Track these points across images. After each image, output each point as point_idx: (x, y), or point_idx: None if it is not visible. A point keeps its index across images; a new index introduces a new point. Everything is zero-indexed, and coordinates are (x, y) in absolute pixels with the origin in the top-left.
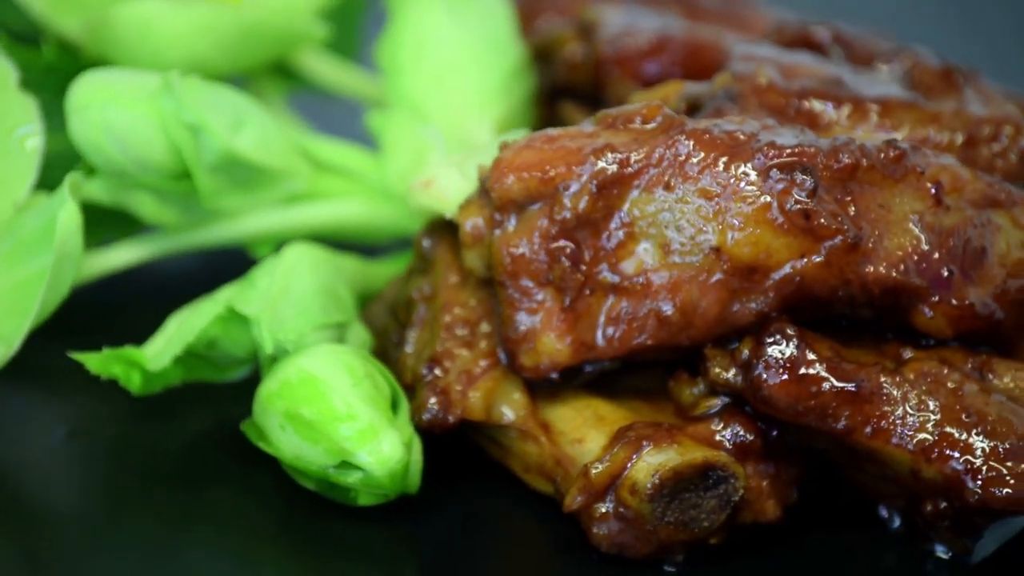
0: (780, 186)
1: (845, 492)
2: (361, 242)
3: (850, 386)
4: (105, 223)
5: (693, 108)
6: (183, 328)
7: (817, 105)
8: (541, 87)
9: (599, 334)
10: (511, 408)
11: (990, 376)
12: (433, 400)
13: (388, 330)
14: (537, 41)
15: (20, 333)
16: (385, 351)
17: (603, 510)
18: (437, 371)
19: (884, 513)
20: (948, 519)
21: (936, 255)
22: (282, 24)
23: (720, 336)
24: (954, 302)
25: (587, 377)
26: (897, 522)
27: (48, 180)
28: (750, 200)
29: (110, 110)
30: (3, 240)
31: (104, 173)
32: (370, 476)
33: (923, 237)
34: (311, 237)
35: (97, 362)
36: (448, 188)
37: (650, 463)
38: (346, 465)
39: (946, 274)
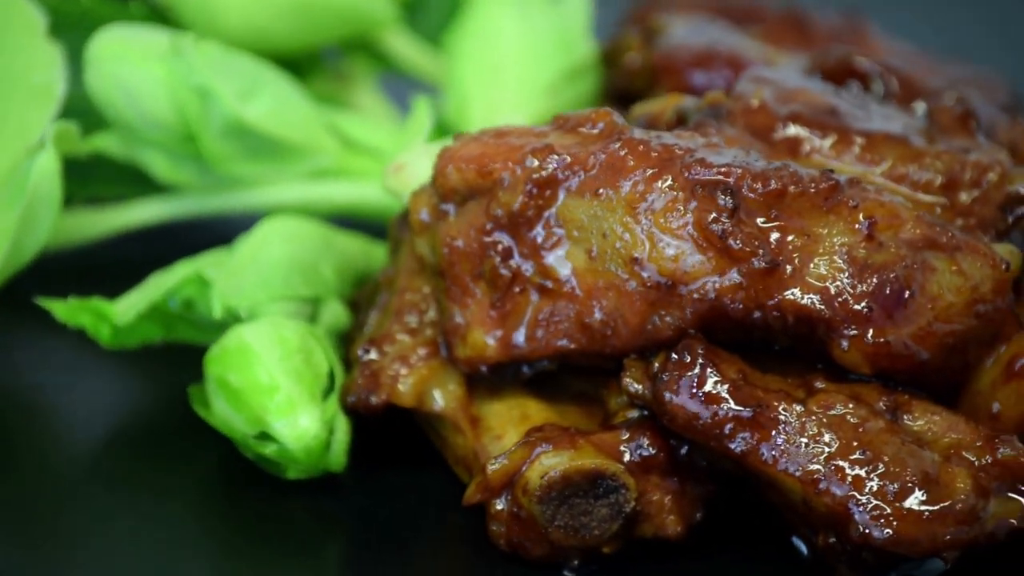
0: (702, 203)
1: (761, 518)
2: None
3: (747, 411)
4: (121, 178)
5: (681, 121)
6: (153, 286)
7: (802, 132)
8: (608, 91)
9: (525, 334)
10: (443, 398)
11: (905, 416)
12: (361, 381)
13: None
14: (606, 45)
15: None
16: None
17: (499, 507)
18: (373, 353)
19: (797, 542)
20: (842, 554)
21: (857, 289)
22: (349, 2)
23: (643, 348)
24: (869, 339)
25: (525, 376)
26: (807, 552)
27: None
28: (671, 214)
29: (122, 65)
30: (6, 183)
31: (117, 127)
32: (285, 449)
33: (846, 270)
34: (334, 215)
35: (64, 310)
36: (416, 174)
37: (544, 465)
38: (266, 436)
39: (865, 310)
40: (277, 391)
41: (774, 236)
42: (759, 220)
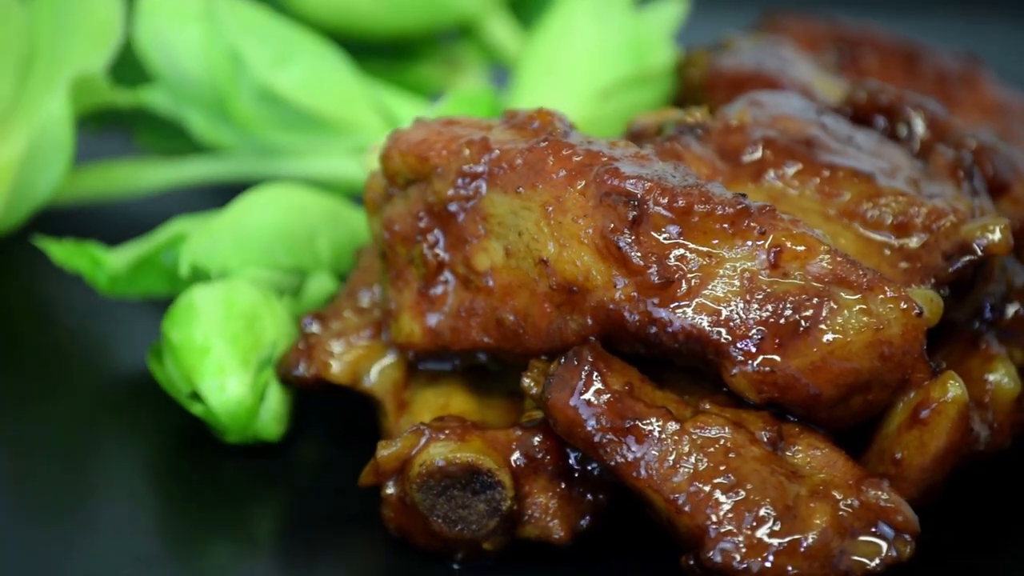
0: (607, 212)
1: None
2: None
3: (624, 423)
4: (170, 134)
5: (658, 133)
6: (148, 240)
7: (768, 156)
8: (673, 101)
9: (448, 324)
10: (376, 378)
11: (788, 448)
12: (294, 353)
13: None
14: (680, 57)
15: None
16: None
17: (389, 492)
18: (315, 327)
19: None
20: None
21: (750, 315)
22: None
23: (554, 350)
24: (755, 366)
25: (458, 367)
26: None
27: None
28: (579, 220)
29: (163, 21)
30: None
31: (162, 82)
32: (211, 411)
33: (743, 296)
34: None
35: (61, 252)
36: None
37: (429, 454)
38: (196, 396)
39: (754, 337)
40: (209, 352)
41: (676, 252)
42: (662, 236)
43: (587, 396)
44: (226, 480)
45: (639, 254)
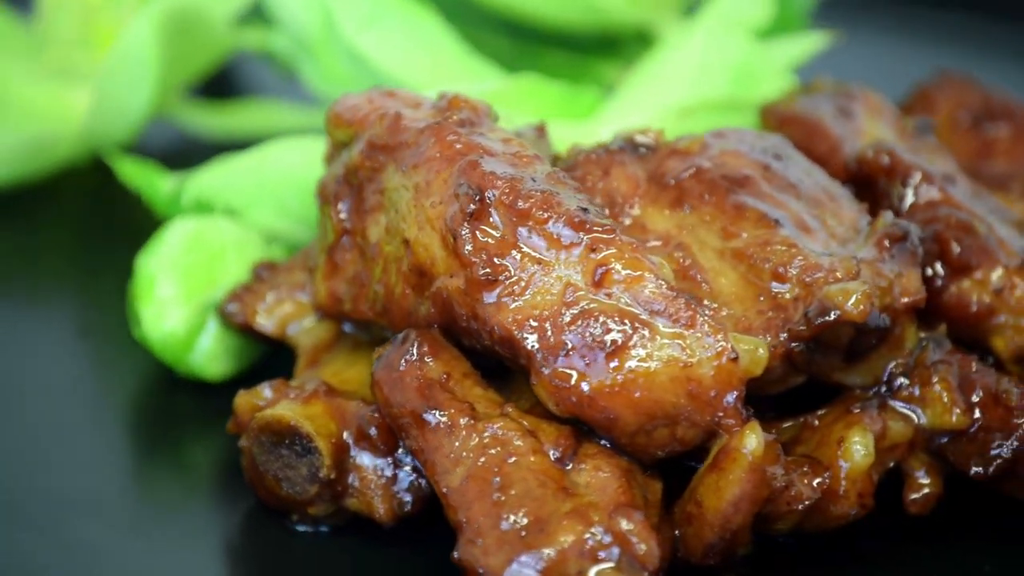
0: (456, 203)
1: None
2: None
3: (423, 410)
4: None
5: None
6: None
7: (691, 186)
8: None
9: (346, 291)
10: (301, 333)
11: (578, 465)
12: (232, 297)
13: None
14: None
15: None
16: None
17: (242, 443)
18: (264, 273)
19: None
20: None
21: (563, 329)
22: None
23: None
24: (550, 377)
25: (373, 337)
26: None
27: None
28: (436, 206)
29: None
30: None
31: (283, 29)
32: (146, 338)
33: (561, 308)
34: None
35: (126, 170)
36: None
37: (271, 410)
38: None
39: (563, 351)
40: (154, 283)
41: (506, 252)
42: (496, 233)
43: (402, 378)
44: (175, 415)
45: (471, 248)
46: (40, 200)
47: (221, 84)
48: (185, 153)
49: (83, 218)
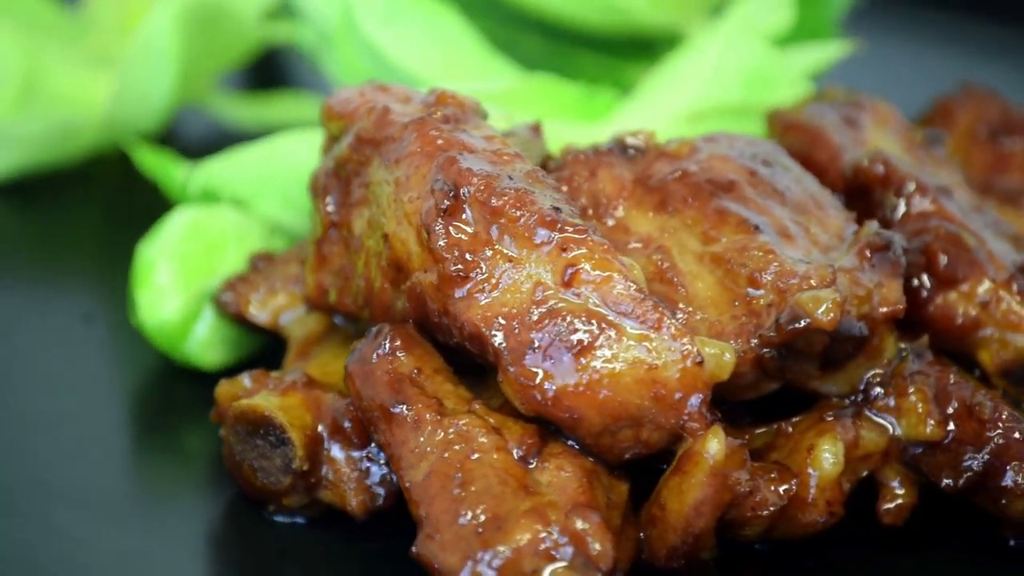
0: (431, 198)
1: None
2: None
3: (391, 404)
4: None
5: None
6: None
7: (676, 189)
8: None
9: (332, 283)
10: (292, 324)
11: (542, 464)
12: (227, 286)
13: None
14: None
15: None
16: None
17: (222, 432)
18: (260, 264)
19: None
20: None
21: (532, 327)
22: None
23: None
24: (516, 375)
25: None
26: None
27: None
28: (414, 200)
29: None
30: None
31: (306, 22)
32: (143, 324)
33: (530, 306)
34: None
35: (143, 157)
36: None
37: (249, 400)
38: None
39: (529, 349)
40: (152, 270)
41: (478, 249)
42: (469, 229)
43: (373, 371)
44: (173, 404)
45: (444, 243)
46: (66, 187)
47: (263, 75)
48: (219, 143)
49: (107, 206)
